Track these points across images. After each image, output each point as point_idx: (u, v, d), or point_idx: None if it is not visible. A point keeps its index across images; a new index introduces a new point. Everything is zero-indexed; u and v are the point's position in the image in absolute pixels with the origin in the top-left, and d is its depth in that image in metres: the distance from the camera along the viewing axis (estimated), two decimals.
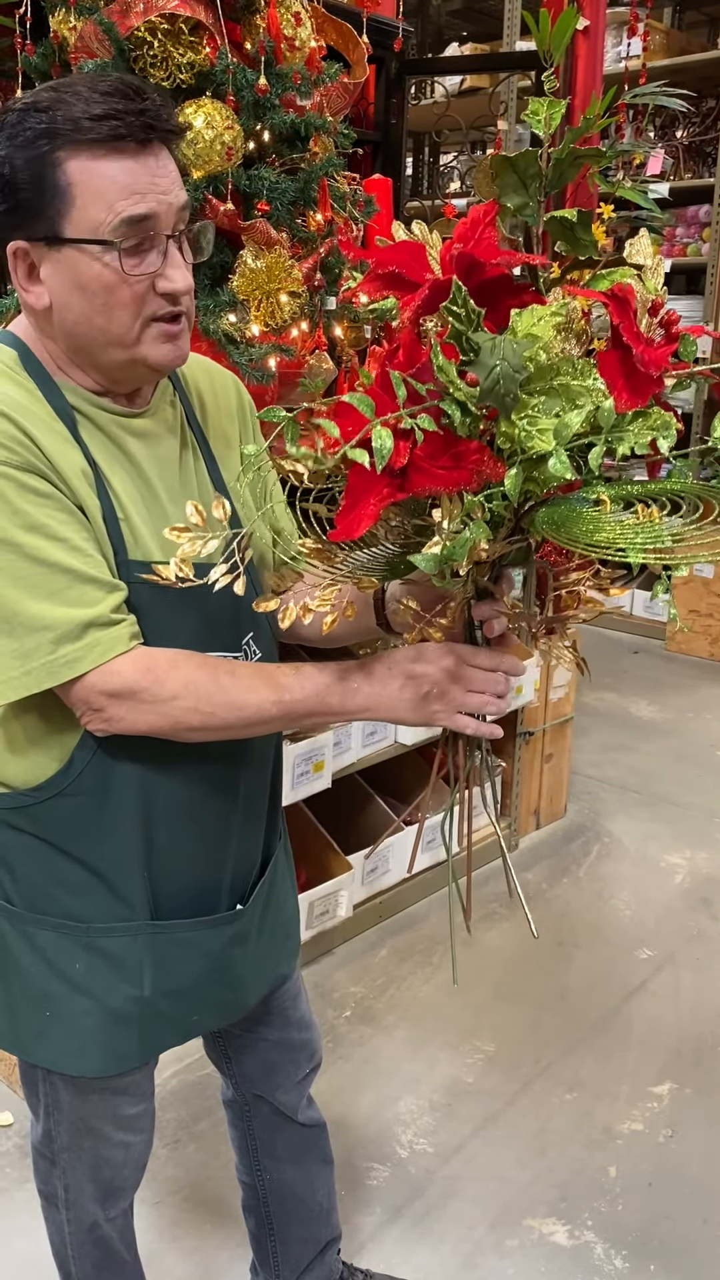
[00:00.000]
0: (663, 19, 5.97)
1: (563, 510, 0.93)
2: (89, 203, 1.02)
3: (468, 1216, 1.94)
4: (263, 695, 1.08)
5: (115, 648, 1.05)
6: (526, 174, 0.99)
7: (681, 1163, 2.07)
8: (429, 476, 0.90)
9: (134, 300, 1.05)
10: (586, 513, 0.92)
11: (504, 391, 0.88)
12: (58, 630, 1.04)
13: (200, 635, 1.16)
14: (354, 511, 0.91)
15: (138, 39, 2.03)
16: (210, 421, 1.25)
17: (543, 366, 0.90)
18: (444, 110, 4.97)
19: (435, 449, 0.91)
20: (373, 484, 0.91)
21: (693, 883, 3.09)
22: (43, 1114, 1.30)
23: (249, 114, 2.11)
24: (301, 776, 2.45)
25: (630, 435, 0.92)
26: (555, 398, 0.90)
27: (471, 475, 0.90)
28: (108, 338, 1.07)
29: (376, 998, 2.53)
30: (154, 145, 1.04)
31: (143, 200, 1.03)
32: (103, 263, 1.03)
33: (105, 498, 1.10)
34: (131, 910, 1.18)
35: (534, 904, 2.94)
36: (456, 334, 0.89)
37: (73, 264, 1.04)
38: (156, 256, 1.05)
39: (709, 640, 5.06)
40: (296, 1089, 1.51)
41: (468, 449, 0.91)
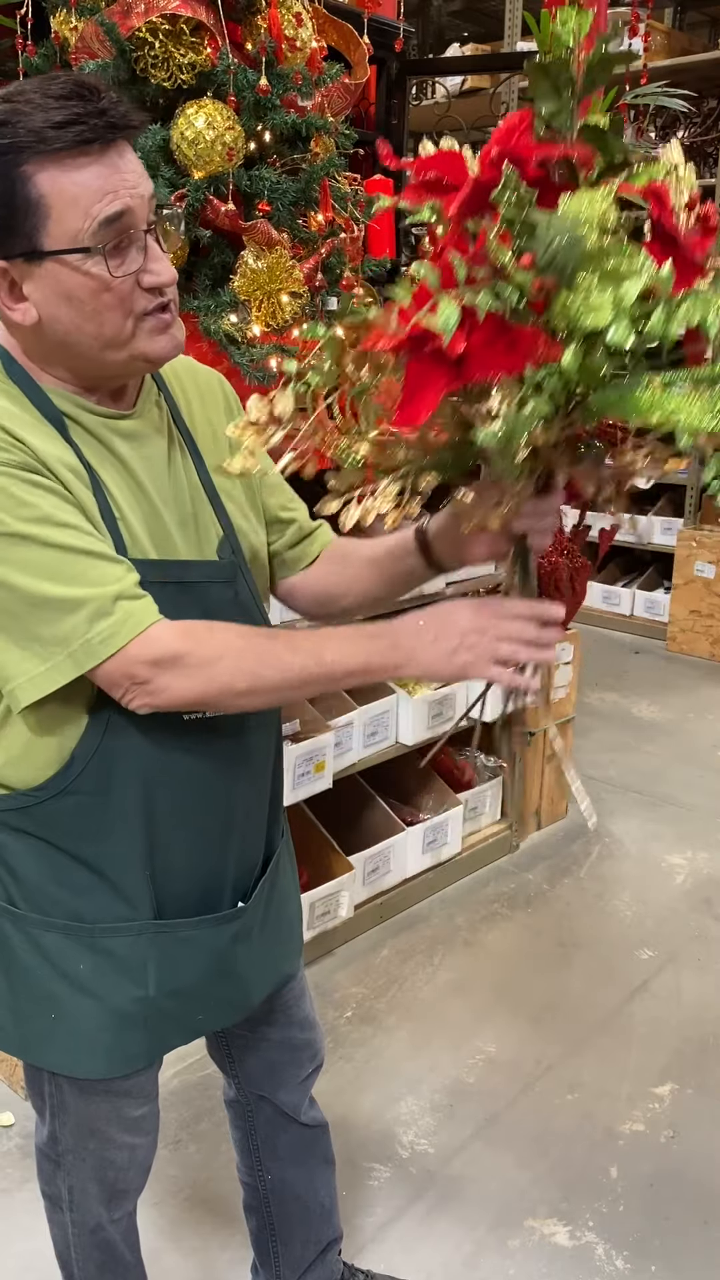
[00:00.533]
0: (664, 19, 5.96)
1: (616, 393, 0.95)
2: (64, 212, 1.01)
3: (469, 1217, 1.94)
4: (305, 656, 1.08)
5: (148, 616, 1.05)
6: (560, 80, 1.00)
7: (683, 1163, 2.07)
8: (485, 363, 0.93)
9: (122, 301, 1.05)
10: (640, 394, 0.94)
11: (563, 263, 0.92)
12: (89, 608, 1.04)
13: None
14: (413, 402, 0.94)
15: (139, 39, 2.03)
16: (197, 420, 1.25)
17: (592, 252, 0.93)
18: (445, 110, 4.97)
19: (490, 336, 0.93)
20: (430, 375, 0.94)
21: (694, 883, 3.08)
22: (48, 1116, 1.30)
23: (250, 114, 2.11)
24: (302, 777, 2.45)
25: (683, 312, 0.94)
26: (607, 280, 0.93)
27: (525, 360, 0.93)
28: (102, 341, 1.07)
29: (378, 998, 2.53)
30: (118, 143, 1.03)
31: (116, 199, 1.02)
32: (85, 270, 1.03)
33: (101, 496, 1.10)
34: (135, 910, 1.18)
35: (535, 904, 2.94)
36: (510, 220, 0.93)
37: (55, 276, 1.04)
38: (137, 253, 1.04)
39: (710, 641, 5.05)
40: (299, 1089, 1.51)
41: (523, 334, 0.93)
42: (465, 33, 7.03)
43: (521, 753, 3.20)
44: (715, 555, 4.99)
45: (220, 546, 1.20)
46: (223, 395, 1.31)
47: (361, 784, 2.84)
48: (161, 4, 2.01)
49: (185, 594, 1.15)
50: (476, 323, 0.92)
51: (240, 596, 1.20)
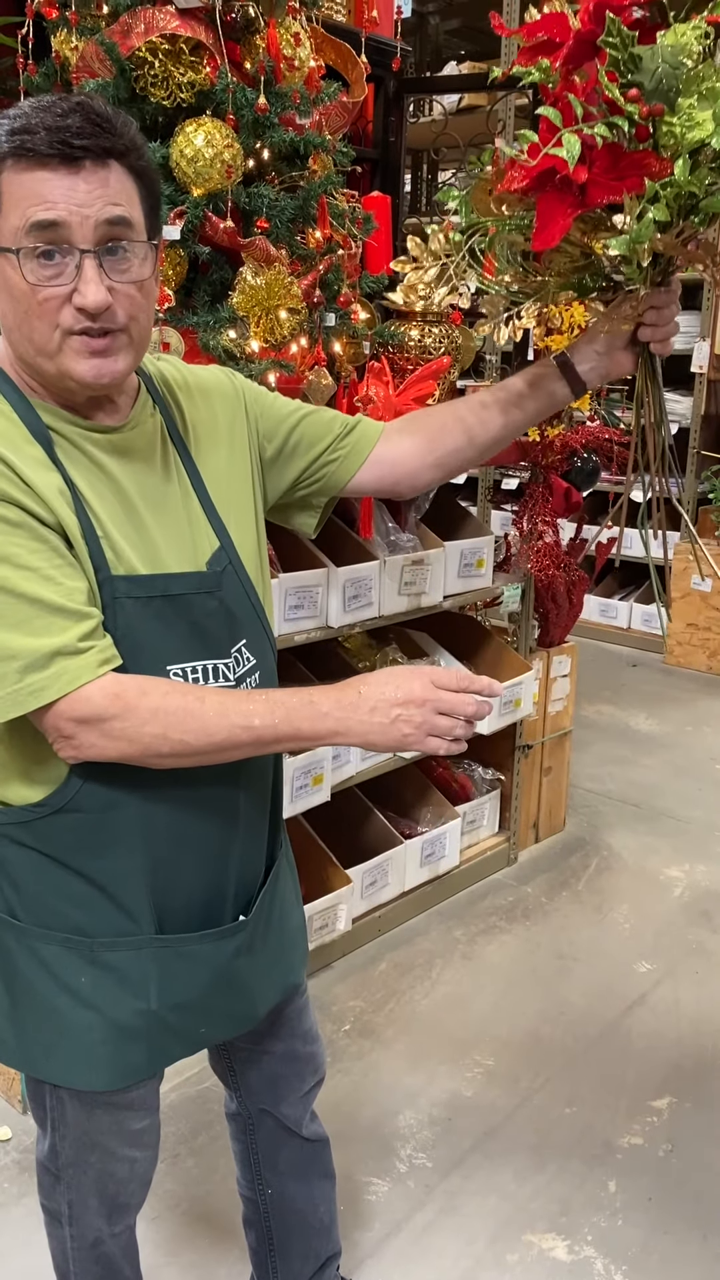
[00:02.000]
0: None
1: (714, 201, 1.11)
2: (9, 210, 1.04)
3: (467, 1232, 1.94)
4: (233, 721, 1.08)
5: (82, 676, 1.06)
6: None
7: (682, 1177, 2.07)
8: (605, 188, 1.09)
9: (46, 311, 1.06)
10: None
11: (668, 87, 1.08)
12: (24, 659, 1.05)
13: (189, 644, 1.16)
14: (548, 228, 1.12)
15: (139, 59, 2.05)
16: (193, 428, 1.26)
17: (690, 75, 1.08)
18: (442, 128, 5.00)
19: (607, 164, 1.09)
20: (559, 204, 1.11)
21: (692, 896, 3.09)
22: (49, 1129, 1.30)
23: (249, 132, 2.13)
24: (300, 790, 2.45)
25: None
26: (706, 100, 1.08)
27: (640, 180, 1.09)
28: (34, 346, 1.09)
29: (376, 1012, 2.53)
30: (86, 164, 1.04)
31: (52, 208, 1.03)
32: (18, 270, 1.05)
33: (84, 517, 1.10)
34: (136, 924, 1.19)
35: (533, 917, 2.94)
36: (615, 61, 1.09)
37: (3, 271, 1.07)
38: (72, 270, 1.05)
39: (707, 654, 5.07)
40: (301, 1102, 1.50)
41: (635, 157, 1.09)
42: (462, 51, 7.09)
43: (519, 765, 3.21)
44: (711, 569, 5.00)
45: (213, 558, 1.20)
46: (231, 387, 1.32)
47: (359, 797, 2.84)
48: (161, 24, 2.03)
49: (171, 606, 1.15)
50: (594, 153, 1.08)
51: (229, 606, 1.20)
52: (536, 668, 3.16)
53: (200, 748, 1.08)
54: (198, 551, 1.20)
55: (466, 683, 1.10)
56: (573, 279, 1.27)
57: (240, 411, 1.32)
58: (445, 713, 1.08)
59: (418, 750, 1.10)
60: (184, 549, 1.18)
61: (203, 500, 1.22)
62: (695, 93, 1.08)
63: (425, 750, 1.10)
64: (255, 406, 1.34)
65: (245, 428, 1.32)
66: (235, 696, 1.10)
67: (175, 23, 2.04)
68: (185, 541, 1.19)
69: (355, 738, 1.09)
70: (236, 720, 1.08)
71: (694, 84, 1.08)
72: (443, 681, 1.09)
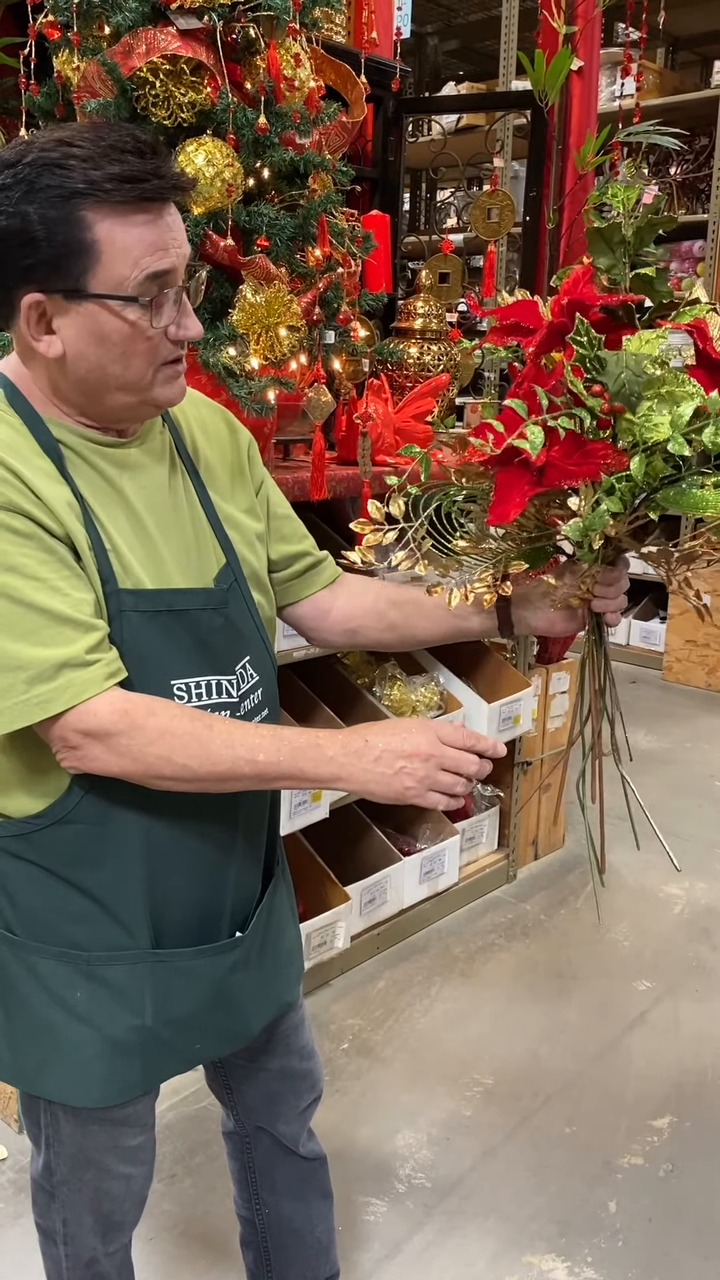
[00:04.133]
0: (656, 59, 6.07)
1: (677, 492, 1.16)
2: (115, 260, 1.05)
3: (466, 1253, 1.92)
4: (238, 753, 1.08)
5: (89, 689, 1.06)
6: (613, 241, 1.25)
7: (682, 1198, 2.06)
8: (562, 472, 1.14)
9: (151, 350, 1.10)
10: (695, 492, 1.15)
11: (629, 392, 1.13)
12: (32, 670, 1.05)
13: (194, 660, 1.17)
14: (504, 503, 1.15)
15: (140, 79, 2.07)
16: (200, 449, 1.27)
17: (651, 379, 1.14)
18: (441, 147, 5.04)
19: (568, 450, 1.15)
20: (517, 482, 1.15)
21: (692, 913, 3.08)
22: (43, 1146, 1.29)
23: (249, 152, 2.14)
24: (299, 806, 2.45)
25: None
26: (664, 402, 1.14)
27: (598, 469, 1.13)
28: (121, 383, 1.11)
29: (374, 1030, 2.52)
30: (169, 202, 1.08)
31: (165, 256, 1.07)
32: (124, 317, 1.07)
33: (93, 529, 1.11)
34: (132, 938, 1.18)
35: (532, 935, 2.93)
36: (582, 358, 1.15)
37: (93, 317, 1.07)
38: (172, 307, 1.10)
39: (706, 670, 5.07)
40: (298, 1120, 1.49)
41: (596, 448, 1.14)
42: (460, 71, 7.15)
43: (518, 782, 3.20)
44: (710, 585, 5.01)
45: (220, 574, 1.21)
46: (228, 429, 1.33)
47: (358, 813, 2.84)
48: (162, 45, 2.05)
49: (178, 622, 1.16)
50: (556, 439, 1.14)
51: (234, 623, 1.21)
52: (535, 684, 3.16)
53: (202, 775, 1.08)
54: (204, 567, 1.20)
55: (472, 741, 1.10)
56: (525, 549, 1.29)
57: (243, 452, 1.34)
58: (449, 769, 1.09)
59: (419, 804, 1.10)
60: (191, 564, 1.19)
61: (210, 516, 1.23)
62: (655, 395, 1.13)
63: (424, 804, 1.10)
64: (256, 466, 1.36)
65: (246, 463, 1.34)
66: (243, 729, 1.11)
67: (176, 43, 2.05)
68: (192, 557, 1.19)
69: (356, 785, 1.09)
70: (241, 753, 1.08)
71: (655, 386, 1.13)
72: (449, 738, 1.09)
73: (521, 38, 5.09)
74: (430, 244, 4.69)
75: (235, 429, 1.34)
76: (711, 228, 5.12)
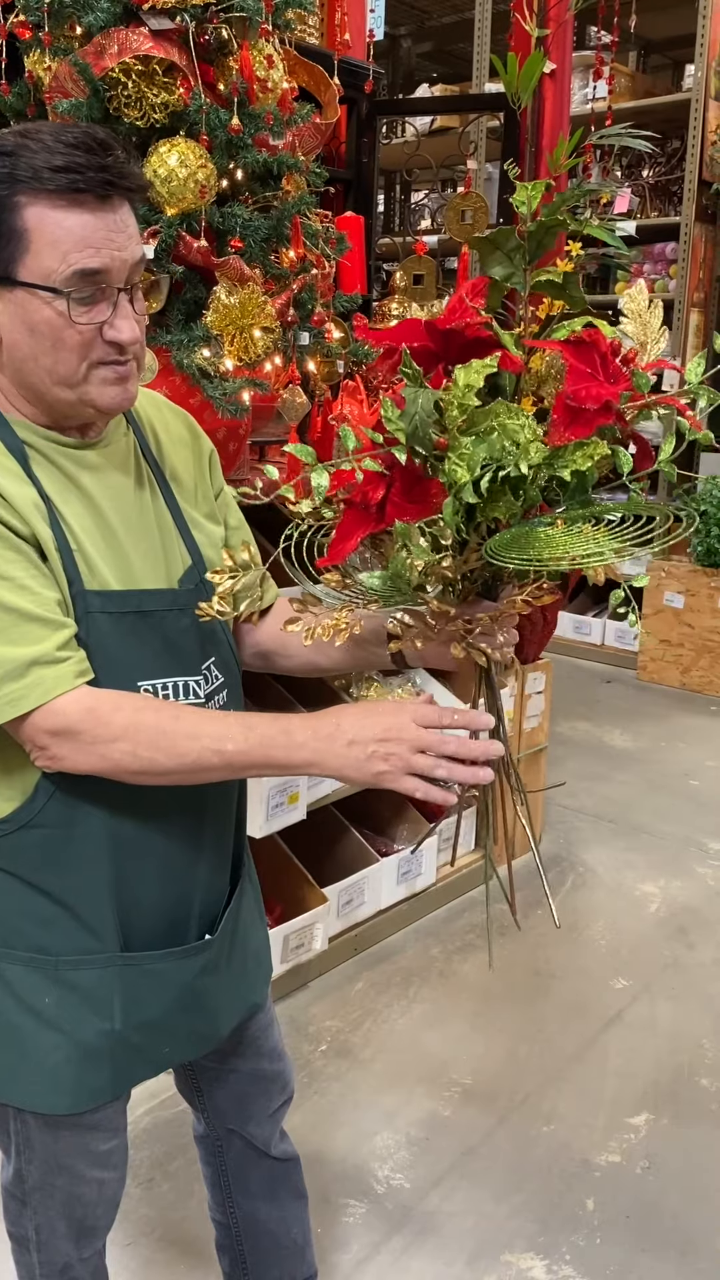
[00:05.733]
0: (628, 63, 6.11)
1: (518, 532, 1.03)
2: (43, 250, 1.04)
3: (445, 1253, 1.93)
4: (205, 744, 1.07)
5: (59, 686, 1.06)
6: (508, 248, 1.10)
7: (659, 1194, 2.07)
8: (400, 510, 1.05)
9: (80, 345, 1.08)
10: (541, 532, 1.03)
11: (421, 434, 1.02)
12: (2, 669, 1.05)
13: (161, 660, 1.16)
14: (343, 541, 1.07)
15: (112, 79, 2.06)
16: (164, 452, 1.27)
17: (483, 410, 1.02)
18: (415, 149, 5.05)
19: (407, 486, 1.05)
20: (360, 520, 1.07)
21: (668, 912, 3.09)
22: (14, 1153, 1.28)
23: (222, 153, 2.14)
24: (276, 808, 2.44)
25: (572, 462, 1.03)
26: (479, 442, 1.02)
27: (432, 508, 1.03)
28: (54, 378, 1.10)
29: (353, 1031, 2.51)
30: (114, 200, 1.06)
31: (96, 255, 1.05)
32: (53, 308, 1.06)
33: (58, 530, 1.11)
34: (100, 942, 1.17)
35: (510, 935, 2.94)
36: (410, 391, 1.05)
37: (23, 305, 1.07)
38: (106, 307, 1.08)
39: (680, 670, 5.10)
40: (269, 1121, 1.49)
41: (428, 486, 1.04)
42: (434, 74, 7.17)
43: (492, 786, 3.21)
44: (684, 585, 5.04)
45: (185, 575, 1.21)
46: (190, 434, 1.33)
47: (335, 815, 2.83)
48: (135, 45, 2.04)
49: (144, 622, 1.15)
50: (395, 473, 1.05)
51: (201, 624, 1.20)
52: (511, 684, 3.17)
53: (169, 768, 1.08)
54: (170, 568, 1.20)
55: (449, 718, 1.06)
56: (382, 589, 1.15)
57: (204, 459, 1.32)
58: (425, 750, 1.04)
59: (395, 789, 1.06)
60: (157, 565, 1.19)
61: (175, 518, 1.23)
62: (484, 429, 1.02)
63: (402, 789, 1.06)
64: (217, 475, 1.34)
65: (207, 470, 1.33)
66: (211, 719, 1.09)
67: (149, 44, 2.04)
68: (158, 558, 1.19)
69: (330, 770, 1.07)
70: (208, 744, 1.07)
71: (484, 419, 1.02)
72: (424, 718, 1.05)
73: (494, 40, 5.11)
74: (404, 245, 4.70)
75: (197, 435, 1.34)
76: (684, 230, 5.16)
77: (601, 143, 1.47)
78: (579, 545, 1.00)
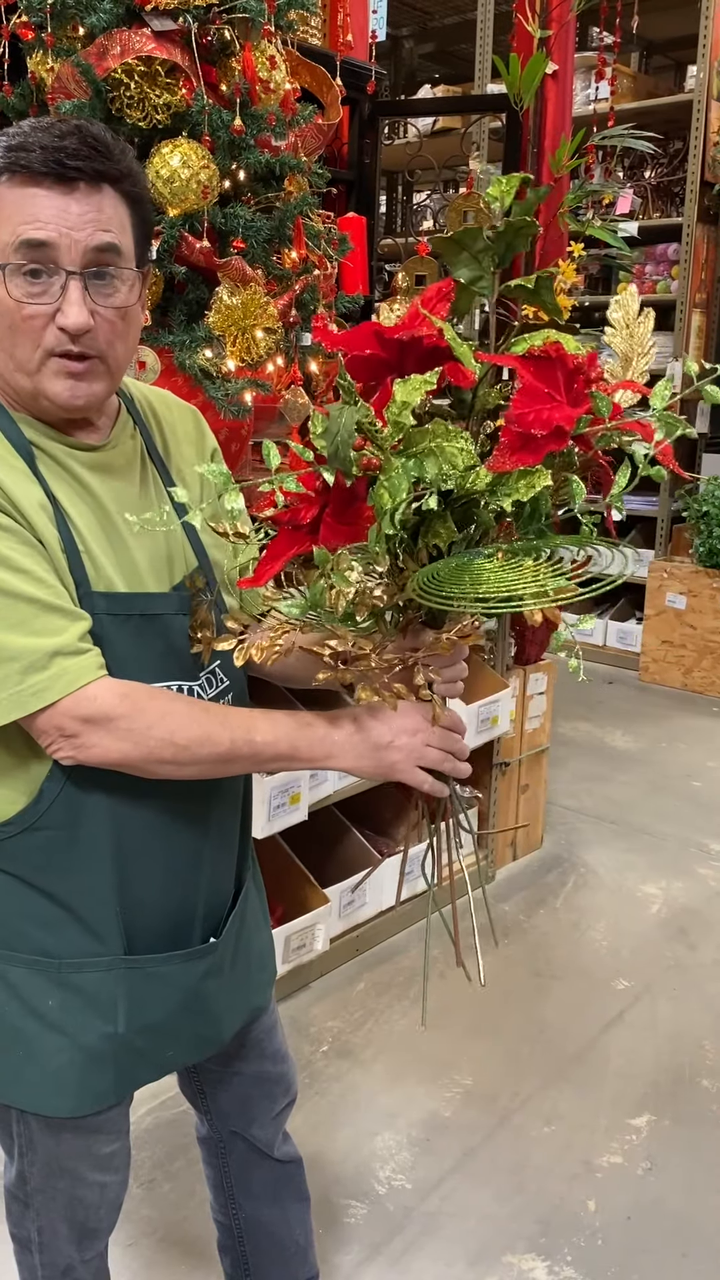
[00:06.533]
0: (630, 63, 6.10)
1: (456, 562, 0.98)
2: (1, 228, 1.05)
3: (446, 1254, 1.93)
4: (236, 734, 1.09)
5: (84, 676, 1.06)
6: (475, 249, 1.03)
7: (661, 1195, 2.07)
8: (332, 532, 0.99)
9: (31, 329, 1.07)
10: (478, 564, 0.97)
11: (342, 455, 0.95)
12: (24, 660, 1.04)
13: (165, 664, 1.16)
14: (270, 562, 1.02)
15: (115, 80, 2.06)
16: (171, 451, 1.27)
17: (420, 430, 0.95)
18: (417, 150, 5.05)
19: (339, 508, 0.99)
20: (291, 540, 1.01)
21: (669, 913, 3.09)
22: (16, 1155, 1.28)
23: (225, 154, 2.14)
24: (278, 809, 2.44)
25: (515, 490, 0.96)
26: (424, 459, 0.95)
27: (364, 532, 0.97)
28: (15, 363, 1.09)
29: (354, 1032, 2.51)
30: (80, 185, 1.05)
31: (42, 228, 1.04)
32: (4, 286, 1.06)
33: (65, 531, 1.10)
34: (104, 945, 1.17)
35: (511, 935, 2.94)
36: None
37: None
38: (57, 290, 1.06)
39: (682, 671, 5.10)
40: (273, 1124, 1.49)
41: (361, 509, 0.98)
42: (436, 75, 7.17)
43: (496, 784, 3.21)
44: (686, 586, 5.04)
45: (189, 577, 1.21)
46: (197, 430, 1.32)
47: (337, 815, 2.83)
48: (137, 46, 2.04)
49: (150, 625, 1.15)
50: (330, 495, 0.98)
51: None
52: (513, 685, 3.17)
53: (201, 757, 1.08)
54: (175, 571, 1.20)
55: (457, 721, 1.13)
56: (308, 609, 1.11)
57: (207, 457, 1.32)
58: (435, 746, 1.11)
59: (405, 780, 1.12)
60: (162, 568, 1.19)
61: (182, 520, 1.22)
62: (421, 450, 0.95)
63: (412, 782, 1.12)
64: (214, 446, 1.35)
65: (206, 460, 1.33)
66: (237, 712, 1.12)
67: (151, 45, 2.04)
68: (163, 561, 1.19)
69: (346, 762, 1.11)
70: (240, 734, 1.09)
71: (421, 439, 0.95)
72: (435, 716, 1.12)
73: (496, 41, 5.11)
74: (407, 246, 4.71)
75: (204, 433, 1.33)
76: (686, 231, 5.15)
77: (604, 143, 1.45)
78: (513, 583, 0.94)
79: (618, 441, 1.02)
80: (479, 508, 0.98)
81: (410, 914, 2.95)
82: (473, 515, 1.00)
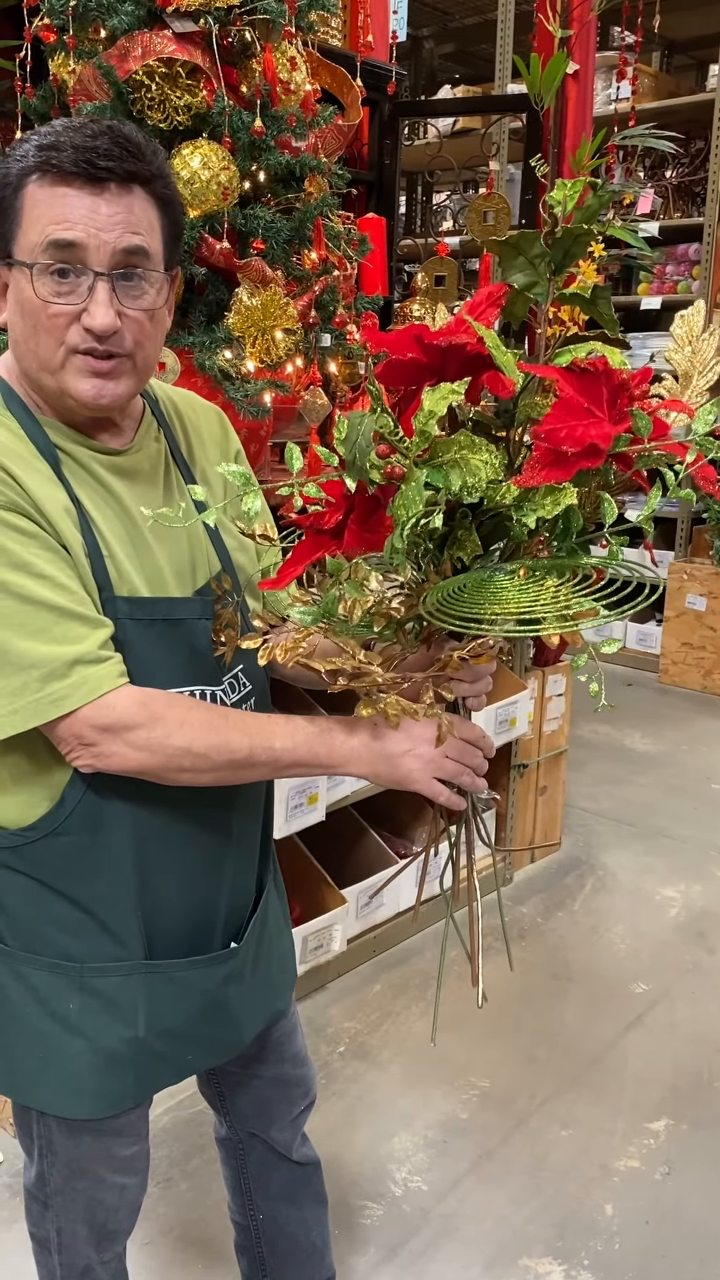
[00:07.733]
0: (651, 63, 6.08)
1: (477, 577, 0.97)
2: (30, 226, 1.05)
3: (463, 1256, 1.92)
4: (254, 740, 1.09)
5: (103, 685, 1.06)
6: (531, 254, 1.02)
7: (679, 1200, 2.05)
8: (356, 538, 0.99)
9: (55, 327, 1.07)
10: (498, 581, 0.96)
11: (360, 464, 0.95)
12: (45, 668, 1.04)
13: (189, 668, 1.16)
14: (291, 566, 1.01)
15: (136, 82, 2.06)
16: (195, 453, 1.26)
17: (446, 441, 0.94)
18: (437, 151, 5.04)
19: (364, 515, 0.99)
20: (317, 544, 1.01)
21: (688, 916, 3.07)
22: (36, 1156, 1.28)
23: (245, 155, 2.14)
24: (295, 809, 2.44)
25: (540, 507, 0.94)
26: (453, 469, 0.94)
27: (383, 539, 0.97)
28: (38, 362, 1.09)
29: (370, 1033, 2.51)
30: (111, 186, 1.05)
31: (71, 229, 1.04)
32: (32, 285, 1.06)
33: (89, 535, 1.10)
34: (125, 949, 1.18)
35: (529, 938, 2.93)
36: None
37: (17, 283, 1.08)
38: (84, 290, 1.06)
39: (701, 673, 5.07)
40: (291, 1126, 1.49)
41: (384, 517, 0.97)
42: (456, 75, 7.15)
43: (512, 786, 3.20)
44: (706, 588, 5.01)
45: (212, 581, 1.21)
46: (221, 431, 1.32)
47: (355, 816, 2.83)
48: (158, 48, 2.05)
49: (173, 630, 1.15)
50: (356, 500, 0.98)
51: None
52: (532, 687, 3.16)
53: (221, 764, 1.08)
54: (199, 575, 1.20)
55: (479, 736, 1.12)
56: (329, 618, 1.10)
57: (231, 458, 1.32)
58: (454, 758, 1.10)
59: (421, 790, 1.11)
60: (185, 573, 1.19)
61: (205, 524, 1.22)
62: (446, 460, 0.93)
63: (429, 793, 1.11)
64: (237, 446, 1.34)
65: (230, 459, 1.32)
66: (256, 718, 1.12)
67: (172, 46, 2.05)
68: (186, 565, 1.19)
69: (364, 769, 1.11)
70: (259, 740, 1.09)
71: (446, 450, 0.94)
72: (455, 729, 1.11)
73: (517, 41, 5.09)
74: (426, 247, 4.70)
75: (229, 434, 1.33)
76: (707, 231, 5.13)
77: (624, 143, 1.44)
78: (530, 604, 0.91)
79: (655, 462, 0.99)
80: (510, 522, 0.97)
81: (428, 916, 2.94)
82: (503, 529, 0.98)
